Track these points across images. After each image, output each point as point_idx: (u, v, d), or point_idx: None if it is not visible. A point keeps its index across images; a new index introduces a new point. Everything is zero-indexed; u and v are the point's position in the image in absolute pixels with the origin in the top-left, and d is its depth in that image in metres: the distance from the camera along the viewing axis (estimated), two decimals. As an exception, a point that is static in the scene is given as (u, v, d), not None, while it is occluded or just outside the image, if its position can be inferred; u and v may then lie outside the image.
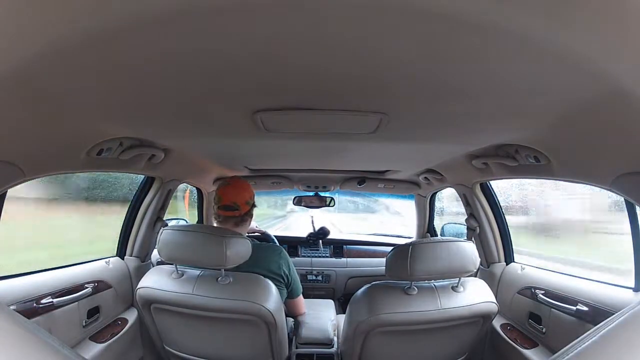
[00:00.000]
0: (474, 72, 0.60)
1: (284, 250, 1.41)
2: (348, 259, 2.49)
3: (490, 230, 1.66)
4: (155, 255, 1.76)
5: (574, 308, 1.17)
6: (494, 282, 1.58)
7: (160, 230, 1.21)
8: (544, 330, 1.30)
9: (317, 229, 2.49)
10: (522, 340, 1.38)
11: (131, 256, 1.64)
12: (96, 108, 0.79)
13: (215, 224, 1.41)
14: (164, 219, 1.73)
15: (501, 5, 0.42)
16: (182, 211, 2.62)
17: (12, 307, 0.99)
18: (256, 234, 2.24)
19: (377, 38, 0.50)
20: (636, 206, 1.02)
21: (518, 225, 1.85)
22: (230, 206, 1.34)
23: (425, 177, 1.94)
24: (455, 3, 0.42)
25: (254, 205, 1.43)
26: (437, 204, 2.46)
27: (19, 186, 0.88)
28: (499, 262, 1.66)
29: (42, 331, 0.47)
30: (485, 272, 1.67)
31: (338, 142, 1.15)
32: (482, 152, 1.23)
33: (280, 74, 0.64)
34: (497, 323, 1.50)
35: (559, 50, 0.50)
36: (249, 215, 1.40)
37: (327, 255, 2.51)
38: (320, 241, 2.49)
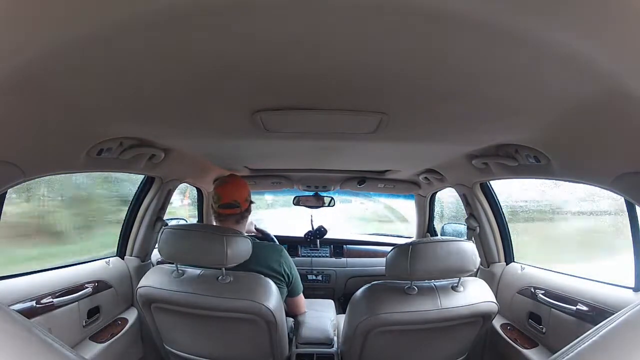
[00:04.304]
0: (473, 72, 0.60)
1: (284, 249, 1.41)
2: (348, 258, 2.49)
3: (490, 230, 1.66)
4: (155, 255, 1.76)
5: (574, 308, 1.17)
6: (494, 282, 1.58)
7: (161, 230, 1.22)
8: (544, 330, 1.30)
9: (315, 228, 2.49)
10: (522, 340, 1.38)
11: (131, 256, 1.64)
12: (96, 108, 0.79)
13: (215, 223, 1.42)
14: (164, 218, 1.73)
15: (501, 6, 0.42)
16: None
17: (12, 307, 0.99)
18: (256, 233, 2.24)
19: (377, 38, 0.50)
20: (636, 206, 1.02)
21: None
22: (231, 204, 1.34)
23: (425, 177, 1.94)
24: (455, 3, 0.42)
25: (252, 202, 1.44)
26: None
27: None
28: (499, 262, 1.66)
29: (42, 331, 0.47)
30: (485, 272, 1.67)
31: (338, 142, 1.15)
32: (482, 152, 1.23)
33: (280, 74, 0.64)
34: (497, 323, 1.50)
35: (558, 50, 0.50)
36: (248, 212, 1.42)
37: (327, 255, 2.51)
38: (318, 240, 2.49)
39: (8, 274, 1.11)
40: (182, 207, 2.80)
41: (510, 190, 1.90)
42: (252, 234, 2.08)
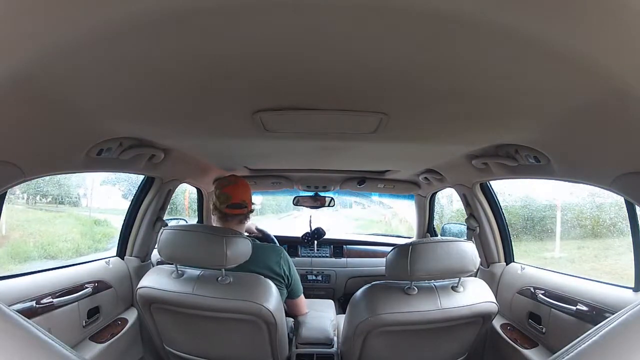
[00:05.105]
0: (473, 72, 0.60)
1: (284, 250, 1.42)
2: (348, 259, 2.49)
3: (490, 230, 1.66)
4: (155, 255, 1.75)
5: (574, 308, 1.17)
6: (494, 282, 1.58)
7: (161, 230, 1.22)
8: (543, 330, 1.30)
9: (313, 229, 2.47)
10: (522, 340, 1.38)
11: (131, 256, 1.64)
12: (96, 108, 0.79)
13: (216, 223, 1.42)
14: (164, 218, 1.73)
15: (501, 6, 0.42)
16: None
17: (12, 307, 0.99)
18: (256, 233, 2.23)
19: (377, 38, 0.50)
20: (636, 206, 1.02)
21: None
22: (239, 204, 1.36)
23: (425, 177, 1.94)
24: (455, 3, 0.42)
25: (253, 203, 1.45)
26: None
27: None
28: (499, 262, 1.66)
29: (42, 331, 0.47)
30: (485, 272, 1.67)
31: (338, 142, 1.15)
32: (482, 152, 1.23)
33: (280, 74, 0.64)
34: (497, 323, 1.50)
35: (558, 51, 0.50)
36: (251, 212, 1.43)
37: (327, 255, 2.51)
38: (315, 241, 2.47)
39: (8, 274, 1.11)
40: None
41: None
42: (253, 234, 2.08)
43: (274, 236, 2.17)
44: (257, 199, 3.64)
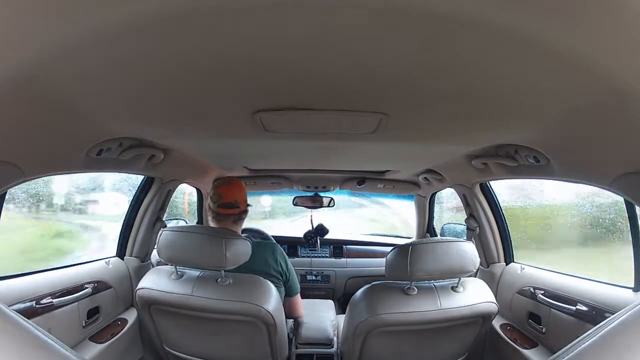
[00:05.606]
0: (473, 72, 0.60)
1: (279, 246, 1.42)
2: (348, 259, 2.49)
3: (490, 230, 1.66)
4: (155, 255, 1.75)
5: (574, 308, 1.17)
6: (494, 282, 1.58)
7: (160, 231, 1.21)
8: (543, 330, 1.31)
9: (315, 226, 2.44)
10: (522, 340, 1.38)
11: (131, 256, 1.64)
12: (96, 108, 0.79)
13: (212, 224, 1.42)
14: (164, 219, 1.72)
15: (501, 6, 0.42)
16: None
17: (12, 307, 0.99)
18: (253, 233, 2.23)
19: (377, 38, 0.50)
20: (636, 206, 1.02)
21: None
22: (231, 204, 1.35)
23: (425, 178, 1.94)
24: (455, 4, 0.42)
25: (249, 205, 1.45)
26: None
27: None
28: (499, 262, 1.66)
29: (42, 331, 0.47)
30: (485, 272, 1.67)
31: (338, 142, 1.15)
32: (482, 152, 1.23)
33: (280, 74, 0.64)
34: (497, 323, 1.50)
35: (558, 51, 0.50)
36: (245, 213, 1.42)
37: (327, 255, 2.51)
38: (318, 239, 2.45)
39: (8, 274, 1.11)
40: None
41: None
42: (250, 234, 2.07)
43: (273, 236, 2.17)
44: (266, 201, 3.54)
